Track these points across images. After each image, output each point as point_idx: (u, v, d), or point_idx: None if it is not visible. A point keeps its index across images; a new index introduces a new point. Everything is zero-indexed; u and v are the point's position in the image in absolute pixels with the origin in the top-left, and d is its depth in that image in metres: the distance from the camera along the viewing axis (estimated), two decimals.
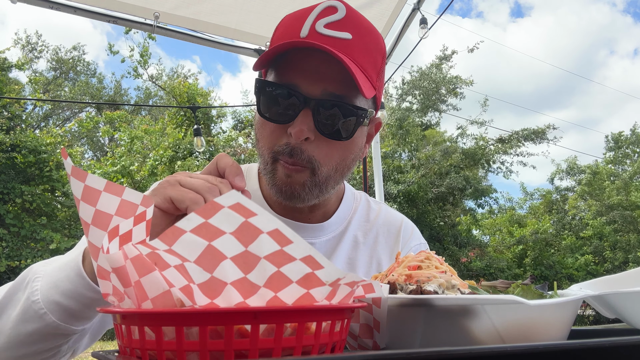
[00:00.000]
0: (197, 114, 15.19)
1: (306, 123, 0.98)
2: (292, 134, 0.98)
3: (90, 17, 2.87)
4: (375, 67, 1.04)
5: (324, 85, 0.99)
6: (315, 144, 1.01)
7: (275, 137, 1.02)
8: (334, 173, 1.06)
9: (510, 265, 18.81)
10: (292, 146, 1.00)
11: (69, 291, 0.79)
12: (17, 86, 17.76)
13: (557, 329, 0.61)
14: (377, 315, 0.64)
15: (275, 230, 0.47)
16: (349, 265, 1.20)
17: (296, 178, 1.02)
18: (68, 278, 0.79)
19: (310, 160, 1.01)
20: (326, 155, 1.03)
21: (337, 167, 1.06)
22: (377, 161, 3.85)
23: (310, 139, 0.99)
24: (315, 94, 0.99)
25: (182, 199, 0.77)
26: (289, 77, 1.00)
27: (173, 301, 0.48)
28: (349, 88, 1.00)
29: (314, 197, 1.06)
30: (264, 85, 1.02)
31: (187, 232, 0.48)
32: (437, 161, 17.42)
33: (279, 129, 1.01)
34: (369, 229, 1.27)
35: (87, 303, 0.80)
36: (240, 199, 0.47)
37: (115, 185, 0.56)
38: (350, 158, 1.09)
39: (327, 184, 1.06)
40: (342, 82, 0.99)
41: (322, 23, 0.99)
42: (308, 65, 1.00)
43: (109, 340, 12.75)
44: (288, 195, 1.03)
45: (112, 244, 0.54)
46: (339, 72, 0.98)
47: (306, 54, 0.99)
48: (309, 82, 0.99)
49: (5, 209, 13.79)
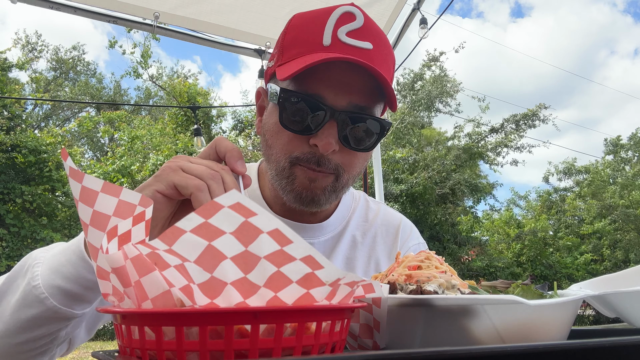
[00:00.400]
0: (197, 113, 15.19)
1: (332, 135, 0.98)
2: (320, 147, 0.98)
3: (90, 17, 2.87)
4: (390, 75, 1.05)
5: (350, 97, 0.99)
6: (340, 154, 1.02)
7: (295, 145, 1.02)
8: (352, 180, 1.09)
9: (510, 264, 18.80)
10: (318, 156, 1.00)
11: (71, 274, 0.80)
12: (17, 86, 17.76)
13: (557, 329, 0.61)
14: (377, 315, 0.64)
15: (275, 230, 0.47)
16: (347, 265, 1.20)
17: (320, 183, 1.02)
18: (70, 262, 0.80)
19: (336, 167, 1.02)
20: (350, 164, 1.05)
21: (355, 173, 1.08)
22: (377, 161, 3.84)
23: (335, 150, 1.00)
24: (341, 105, 0.98)
25: (186, 185, 0.76)
26: (314, 88, 0.99)
27: (173, 301, 0.48)
28: (373, 100, 1.01)
29: (330, 202, 1.07)
30: (289, 95, 1.00)
31: (187, 232, 0.48)
32: (441, 161, 17.43)
33: (299, 137, 1.01)
34: (368, 229, 1.27)
35: (89, 286, 0.81)
36: (240, 199, 0.47)
37: (112, 186, 0.56)
38: (364, 164, 1.11)
39: (344, 189, 1.08)
40: (368, 94, 1.00)
41: (343, 31, 0.98)
42: (334, 75, 0.99)
43: (109, 340, 12.75)
44: (308, 200, 1.04)
45: (111, 244, 0.54)
46: (364, 83, 0.99)
47: (330, 65, 0.98)
48: (335, 93, 0.98)
49: (6, 209, 13.79)
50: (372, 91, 1.01)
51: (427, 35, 3.31)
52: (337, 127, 0.99)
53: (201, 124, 16.50)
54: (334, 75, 0.99)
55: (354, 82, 0.99)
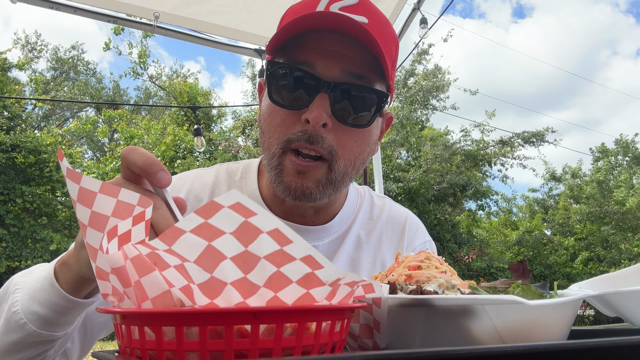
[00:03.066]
0: (197, 113, 15.19)
1: (324, 107, 0.90)
2: (310, 119, 0.90)
3: (90, 17, 2.87)
4: (390, 55, 0.97)
5: (343, 65, 0.91)
6: (334, 133, 0.93)
7: (287, 126, 0.94)
8: (351, 169, 0.98)
9: (510, 263, 18.80)
10: (310, 133, 0.91)
11: (45, 300, 0.79)
12: (17, 86, 17.77)
13: (557, 329, 0.61)
14: (377, 315, 0.64)
15: (275, 230, 0.47)
16: (352, 266, 1.15)
17: (311, 175, 0.94)
18: (43, 288, 0.79)
19: (331, 149, 0.93)
20: (344, 146, 0.95)
21: (354, 161, 0.98)
22: (377, 160, 3.85)
23: (328, 125, 0.91)
24: (333, 75, 0.91)
25: None
26: (303, 57, 0.92)
27: (173, 301, 0.48)
28: (369, 70, 0.93)
29: (326, 197, 0.98)
30: (275, 67, 0.93)
31: (187, 232, 0.48)
32: (438, 159, 17.41)
33: (292, 117, 0.93)
34: (373, 228, 1.21)
35: (62, 311, 0.80)
36: (240, 199, 0.47)
37: (110, 187, 0.56)
38: (366, 152, 1.01)
39: (342, 181, 0.98)
40: (362, 63, 0.92)
41: (336, 6, 0.92)
42: (325, 44, 0.92)
43: (109, 340, 12.75)
44: (298, 193, 0.95)
45: (111, 244, 0.54)
46: (358, 53, 0.92)
47: (321, 35, 0.92)
48: (326, 61, 0.91)
49: (6, 209, 13.79)
50: (368, 62, 0.92)
51: (427, 35, 3.31)
52: (330, 100, 0.91)
53: (202, 124, 16.49)
54: (325, 44, 0.92)
55: (347, 51, 0.92)
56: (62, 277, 0.78)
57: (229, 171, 1.19)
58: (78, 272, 0.75)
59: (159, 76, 22.59)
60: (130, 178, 0.68)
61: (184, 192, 1.14)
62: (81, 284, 0.77)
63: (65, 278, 0.78)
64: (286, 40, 0.94)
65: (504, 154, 18.76)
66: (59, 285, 0.78)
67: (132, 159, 0.66)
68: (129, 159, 0.66)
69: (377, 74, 0.95)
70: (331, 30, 0.90)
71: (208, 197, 1.13)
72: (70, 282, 0.77)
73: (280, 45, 0.95)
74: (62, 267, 0.79)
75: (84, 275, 0.75)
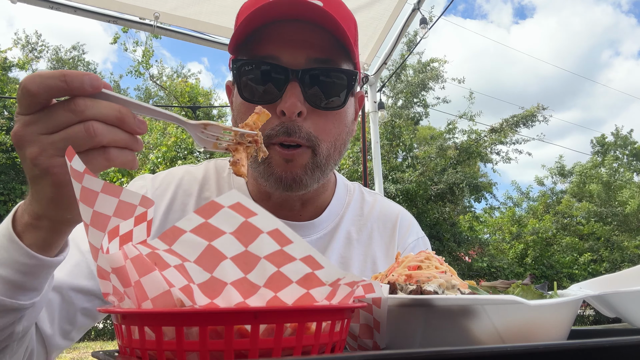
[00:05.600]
0: (197, 113, 15.19)
1: (296, 96, 0.90)
2: (285, 110, 0.90)
3: (90, 17, 2.87)
4: (351, 35, 0.97)
5: (307, 53, 0.92)
6: (310, 119, 0.94)
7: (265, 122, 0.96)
8: (333, 151, 1.00)
9: (511, 263, 18.82)
10: (286, 125, 0.92)
11: (4, 259, 0.70)
12: (17, 86, 17.74)
13: (557, 329, 0.61)
14: (377, 315, 0.64)
15: (275, 230, 0.47)
16: (342, 264, 1.15)
17: (298, 161, 0.95)
18: (2, 246, 0.71)
19: (310, 137, 0.94)
20: (324, 130, 0.96)
21: (334, 142, 0.99)
22: (377, 161, 3.85)
23: (303, 113, 0.92)
24: (299, 63, 0.91)
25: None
26: (267, 50, 0.92)
27: (173, 301, 0.48)
28: (333, 53, 0.94)
29: (316, 181, 0.99)
30: (241, 64, 0.93)
31: (187, 232, 0.48)
32: (434, 158, 17.40)
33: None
34: (363, 225, 1.19)
35: (26, 270, 0.71)
36: (240, 199, 0.47)
37: (112, 186, 0.56)
38: (344, 132, 1.02)
39: (327, 164, 0.99)
40: (325, 48, 0.93)
41: None
42: (286, 34, 0.92)
43: (109, 340, 12.75)
44: (289, 182, 0.97)
45: (112, 244, 0.54)
46: (320, 38, 0.92)
47: (280, 26, 0.92)
48: (290, 51, 0.91)
49: (6, 209, 13.78)
50: (332, 45, 0.93)
51: (427, 35, 3.31)
52: (301, 87, 0.91)
53: None
54: (286, 34, 0.92)
55: (309, 38, 0.92)
56: (25, 232, 0.71)
57: (217, 167, 1.19)
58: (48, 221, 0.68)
59: (160, 76, 22.61)
60: (36, 109, 0.62)
61: (173, 186, 1.13)
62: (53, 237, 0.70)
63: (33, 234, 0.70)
64: (247, 37, 0.94)
65: (500, 140, 18.76)
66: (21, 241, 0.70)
67: (46, 85, 0.60)
68: (43, 86, 0.60)
69: (343, 55, 0.95)
70: (290, 19, 0.90)
71: (197, 193, 1.13)
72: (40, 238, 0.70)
73: (241, 42, 0.95)
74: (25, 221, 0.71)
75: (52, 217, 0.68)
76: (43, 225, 0.70)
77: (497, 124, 18.90)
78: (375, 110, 3.91)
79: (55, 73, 0.60)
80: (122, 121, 0.63)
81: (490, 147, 18.96)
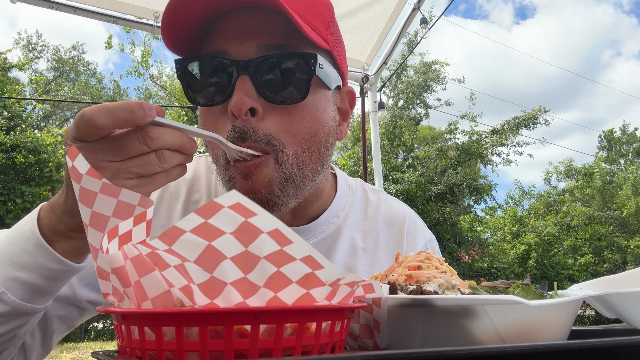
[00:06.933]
0: (197, 113, 15.19)
1: (245, 90, 0.77)
2: (232, 108, 0.77)
3: (90, 17, 2.87)
4: (321, 19, 0.85)
5: (258, 41, 0.80)
6: (269, 118, 0.80)
7: (220, 128, 0.82)
8: (306, 156, 0.84)
9: (511, 263, 18.85)
10: (239, 128, 0.78)
11: (29, 264, 0.70)
12: (17, 86, 17.77)
13: (557, 329, 0.61)
14: (377, 315, 0.64)
15: (275, 230, 0.47)
16: None
17: (258, 176, 0.80)
18: (25, 251, 0.70)
19: (269, 139, 0.79)
20: (286, 130, 0.81)
21: (306, 145, 0.83)
22: (378, 161, 3.84)
23: (258, 111, 0.79)
24: (248, 53, 0.80)
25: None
26: (213, 46, 0.82)
27: (173, 301, 0.48)
28: (290, 37, 0.81)
29: (291, 197, 0.84)
30: (184, 63, 0.83)
31: (187, 232, 0.48)
32: (434, 159, 17.41)
33: (222, 115, 0.82)
34: (369, 230, 1.08)
35: (51, 276, 0.71)
36: (240, 199, 0.47)
37: (111, 187, 0.56)
38: (320, 132, 0.85)
39: (300, 173, 0.84)
40: (280, 33, 0.80)
41: None
42: (233, 25, 0.81)
43: (109, 340, 12.75)
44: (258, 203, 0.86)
45: (111, 244, 0.54)
46: (274, 25, 0.81)
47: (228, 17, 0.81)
48: (238, 42, 0.80)
49: (6, 209, 13.79)
50: (289, 30, 0.79)
51: (427, 35, 3.31)
52: (251, 80, 0.78)
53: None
54: (234, 25, 0.81)
55: (261, 25, 0.80)
56: (57, 237, 0.71)
57: (209, 165, 1.09)
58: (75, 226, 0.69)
59: (160, 76, 22.62)
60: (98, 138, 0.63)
61: (159, 189, 1.01)
62: (87, 247, 0.67)
63: (66, 240, 0.70)
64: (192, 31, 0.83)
65: (500, 142, 18.77)
66: (48, 244, 0.70)
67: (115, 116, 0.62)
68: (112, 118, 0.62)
69: (302, 40, 0.82)
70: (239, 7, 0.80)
71: (185, 196, 1.04)
72: (74, 244, 0.70)
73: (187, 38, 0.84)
74: (56, 227, 0.70)
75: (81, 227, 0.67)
76: (80, 237, 0.71)
77: (498, 125, 18.91)
78: (376, 110, 3.91)
79: (121, 105, 0.62)
80: (183, 147, 0.68)
81: (491, 149, 18.97)
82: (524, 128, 18.81)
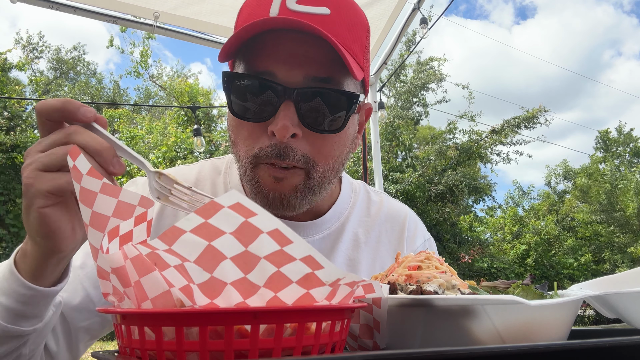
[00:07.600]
0: (197, 113, 15.20)
1: (289, 117, 0.84)
2: (275, 132, 0.84)
3: (90, 17, 2.87)
4: (360, 45, 0.91)
5: (305, 70, 0.85)
6: (306, 140, 0.88)
7: (255, 139, 0.88)
8: (330, 172, 0.93)
9: (511, 263, 18.84)
10: (278, 147, 0.86)
11: (6, 290, 0.73)
12: (17, 86, 17.77)
13: (557, 329, 0.61)
14: (377, 315, 0.64)
15: (275, 230, 0.47)
16: (349, 267, 1.11)
17: (288, 181, 0.89)
18: (4, 277, 0.74)
19: (305, 159, 0.88)
20: (320, 152, 0.89)
21: (332, 164, 0.93)
22: (377, 161, 3.84)
23: (298, 135, 0.86)
24: (296, 81, 0.85)
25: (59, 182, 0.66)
26: (262, 65, 0.86)
27: (173, 301, 0.48)
28: (335, 70, 0.87)
29: (306, 204, 0.93)
30: (233, 78, 0.88)
31: (187, 232, 0.48)
32: (433, 160, 17.41)
33: (258, 129, 0.88)
34: (371, 226, 1.15)
35: (24, 300, 0.73)
36: (240, 199, 0.47)
37: (111, 187, 0.56)
38: (344, 153, 0.96)
39: (321, 186, 0.93)
40: (326, 65, 0.86)
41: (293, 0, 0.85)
42: (284, 48, 0.86)
43: (109, 340, 12.74)
44: (277, 203, 0.90)
45: (112, 244, 0.54)
46: (321, 53, 0.86)
47: (279, 36, 0.86)
48: (287, 68, 0.85)
49: (5, 209, 13.78)
50: (333, 61, 0.85)
51: (427, 35, 3.31)
52: (295, 107, 0.84)
53: (202, 125, 16.49)
54: (284, 48, 0.85)
55: (309, 53, 0.85)
56: (21, 263, 0.74)
57: (214, 166, 1.14)
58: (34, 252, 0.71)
59: (160, 76, 22.63)
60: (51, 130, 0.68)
61: None
62: (41, 267, 0.72)
63: (25, 265, 0.73)
64: (241, 45, 0.88)
65: (500, 141, 18.76)
66: (18, 272, 0.73)
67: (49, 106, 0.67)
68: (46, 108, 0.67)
69: (345, 73, 0.88)
70: (289, 29, 0.84)
71: None
72: (29, 268, 0.73)
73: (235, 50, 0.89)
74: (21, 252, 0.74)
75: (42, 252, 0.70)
76: (30, 253, 0.72)
77: (498, 125, 18.90)
78: (376, 110, 3.91)
79: (60, 99, 0.68)
80: (99, 154, 0.67)
81: (491, 148, 18.96)
82: (524, 128, 18.82)
